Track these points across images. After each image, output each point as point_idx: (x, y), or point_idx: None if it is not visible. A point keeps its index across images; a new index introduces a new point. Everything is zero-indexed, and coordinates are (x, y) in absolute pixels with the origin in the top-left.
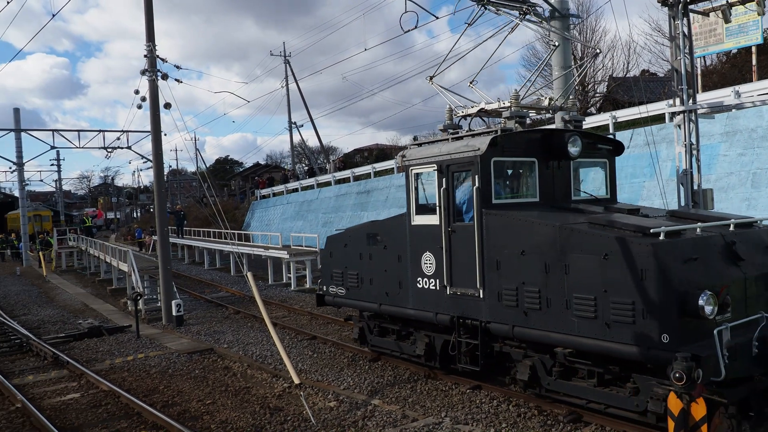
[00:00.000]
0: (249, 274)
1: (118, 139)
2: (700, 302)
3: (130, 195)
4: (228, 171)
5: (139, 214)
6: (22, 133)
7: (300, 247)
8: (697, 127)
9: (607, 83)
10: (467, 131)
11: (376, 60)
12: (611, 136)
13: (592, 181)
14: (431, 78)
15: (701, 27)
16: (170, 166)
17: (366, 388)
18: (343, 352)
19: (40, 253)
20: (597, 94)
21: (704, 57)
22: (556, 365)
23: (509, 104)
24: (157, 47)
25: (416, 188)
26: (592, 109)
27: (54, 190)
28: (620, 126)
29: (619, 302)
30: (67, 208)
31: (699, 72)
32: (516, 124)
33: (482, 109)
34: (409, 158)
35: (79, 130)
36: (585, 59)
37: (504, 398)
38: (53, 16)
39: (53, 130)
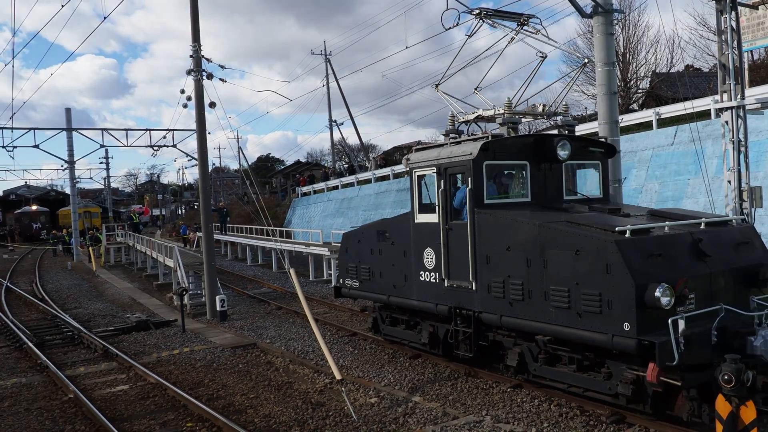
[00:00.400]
0: (291, 271)
1: (164, 137)
2: (657, 294)
3: (174, 192)
4: (269, 169)
5: (183, 210)
6: (73, 132)
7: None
8: (745, 123)
9: (650, 79)
10: (468, 136)
11: (415, 57)
12: (604, 140)
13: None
14: (437, 86)
15: (749, 20)
16: (214, 164)
17: (407, 385)
18: (384, 348)
19: (90, 248)
20: (639, 90)
21: (752, 51)
22: (541, 352)
23: (503, 111)
24: (202, 47)
25: (419, 189)
26: (634, 106)
27: (103, 187)
28: (664, 122)
29: (588, 294)
30: (114, 205)
31: (747, 66)
32: (509, 130)
33: (479, 115)
34: (412, 161)
35: (126, 129)
36: (576, 70)
37: (545, 398)
38: (104, 18)
39: (102, 129)
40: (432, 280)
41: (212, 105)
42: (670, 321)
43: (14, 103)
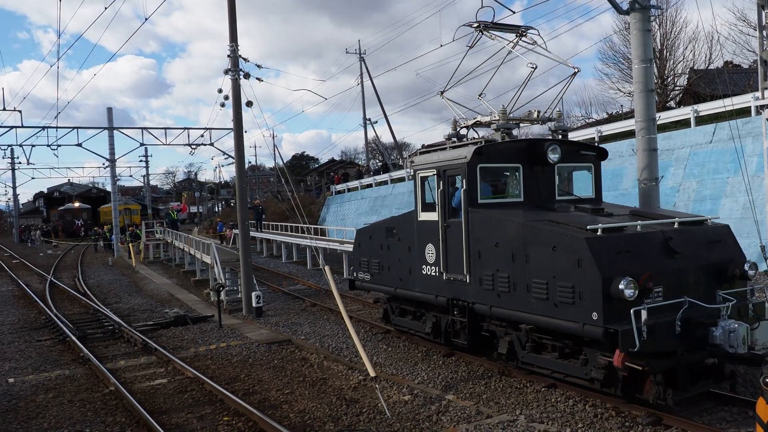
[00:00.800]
0: (326, 268)
1: (202, 136)
2: (621, 286)
3: (211, 190)
4: (304, 167)
5: (220, 208)
6: (114, 131)
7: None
8: None
9: (687, 76)
10: (470, 140)
11: (449, 56)
12: (596, 143)
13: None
14: (442, 93)
15: None
16: (250, 162)
17: (440, 383)
18: (417, 346)
19: (130, 245)
20: (677, 87)
21: None
22: (528, 341)
23: (498, 117)
24: (239, 47)
25: (422, 189)
26: (672, 103)
27: (142, 185)
28: (702, 120)
29: (563, 286)
30: (153, 202)
31: None
32: (503, 135)
33: (478, 121)
34: (416, 164)
35: (165, 128)
36: (565, 80)
37: (580, 398)
38: (145, 20)
39: (142, 128)
40: (433, 274)
41: (249, 104)
42: (632, 311)
43: (59, 103)
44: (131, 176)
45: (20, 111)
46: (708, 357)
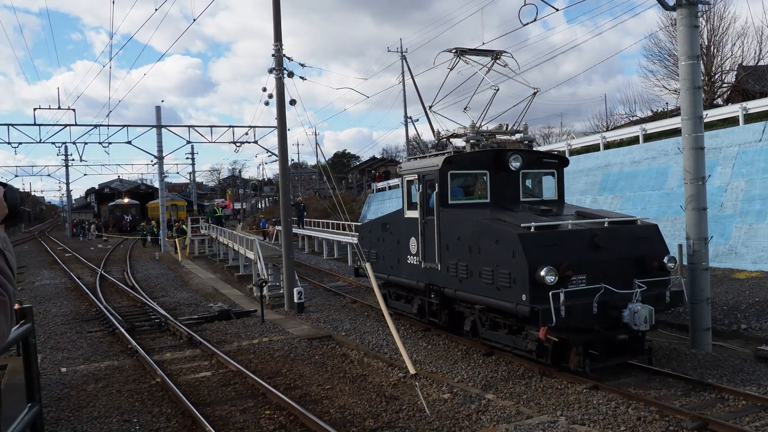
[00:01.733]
0: (367, 265)
1: (246, 134)
2: (542, 273)
3: (255, 187)
4: (345, 165)
5: (263, 205)
6: (162, 129)
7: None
8: None
9: (736, 72)
10: (452, 150)
11: None
12: (558, 152)
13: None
14: (430, 107)
15: None
16: (292, 160)
17: (480, 382)
18: (457, 345)
19: (176, 240)
20: (724, 85)
21: None
22: (487, 320)
23: (468, 131)
24: (283, 47)
25: (408, 191)
26: (719, 101)
27: (188, 181)
28: (751, 118)
29: (503, 273)
30: (199, 198)
31: None
32: (472, 146)
33: (454, 133)
34: (403, 170)
35: (211, 126)
36: (527, 98)
37: (623, 400)
38: (194, 20)
39: (189, 126)
40: (415, 263)
41: (293, 102)
42: (551, 293)
43: (110, 102)
44: (178, 173)
45: (74, 110)
46: (622, 334)
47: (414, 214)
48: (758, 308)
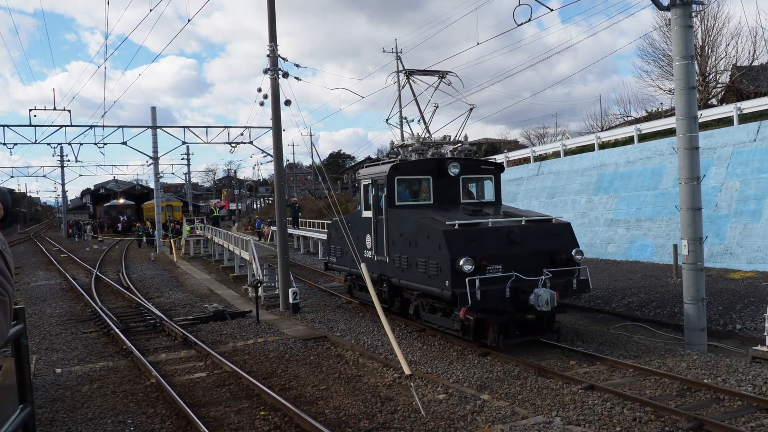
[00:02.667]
0: (363, 266)
1: (241, 134)
2: (461, 263)
3: (250, 187)
4: (340, 165)
5: (258, 205)
6: (157, 130)
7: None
8: None
9: (730, 73)
10: (400, 158)
11: (485, 54)
12: (494, 159)
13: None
14: (387, 120)
15: None
16: (287, 160)
17: (475, 383)
18: (452, 345)
19: (171, 240)
20: (719, 85)
21: None
22: (426, 304)
23: (413, 142)
24: (278, 47)
25: (365, 194)
26: (713, 101)
27: (183, 182)
28: (745, 118)
29: (432, 263)
30: (194, 199)
31: None
32: (417, 155)
33: (402, 144)
34: (360, 175)
35: (206, 127)
36: (464, 114)
37: (618, 400)
38: (188, 21)
39: (184, 127)
40: (370, 256)
41: (288, 103)
42: (467, 280)
43: (105, 102)
44: (173, 174)
45: (69, 110)
46: (531, 315)
47: (368, 214)
48: (753, 308)
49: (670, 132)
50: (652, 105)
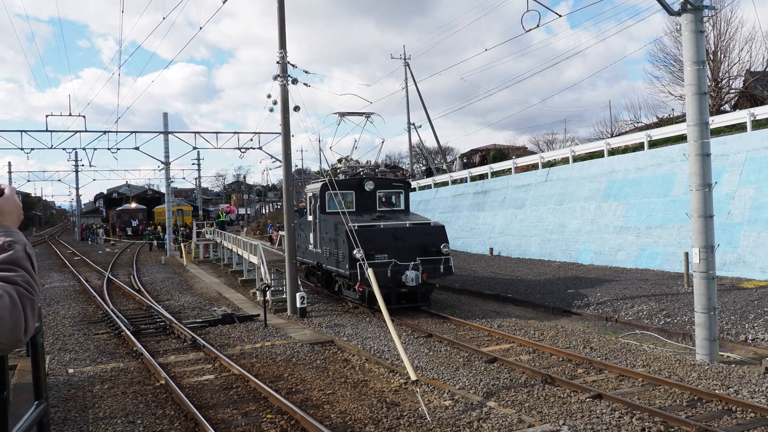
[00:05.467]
0: (369, 271)
1: (251, 140)
2: (355, 252)
3: (259, 192)
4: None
5: (267, 210)
6: (169, 135)
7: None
8: None
9: (743, 78)
10: (330, 177)
11: (494, 60)
12: (403, 177)
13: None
14: (330, 147)
15: None
16: (296, 166)
17: (481, 390)
18: (459, 351)
19: (182, 244)
20: (732, 90)
21: None
22: (343, 284)
23: (341, 165)
24: (287, 53)
25: (311, 201)
26: (726, 107)
27: (194, 186)
28: (760, 124)
29: (342, 253)
30: (204, 203)
31: None
32: (343, 175)
33: (333, 166)
34: (307, 188)
35: (216, 132)
36: (378, 145)
37: (627, 410)
38: (200, 28)
39: (195, 132)
40: (312, 249)
41: (296, 109)
42: (358, 264)
43: (119, 108)
44: (184, 178)
45: (84, 116)
46: (404, 289)
47: (311, 218)
48: (767, 318)
49: (681, 138)
50: (663, 111)
